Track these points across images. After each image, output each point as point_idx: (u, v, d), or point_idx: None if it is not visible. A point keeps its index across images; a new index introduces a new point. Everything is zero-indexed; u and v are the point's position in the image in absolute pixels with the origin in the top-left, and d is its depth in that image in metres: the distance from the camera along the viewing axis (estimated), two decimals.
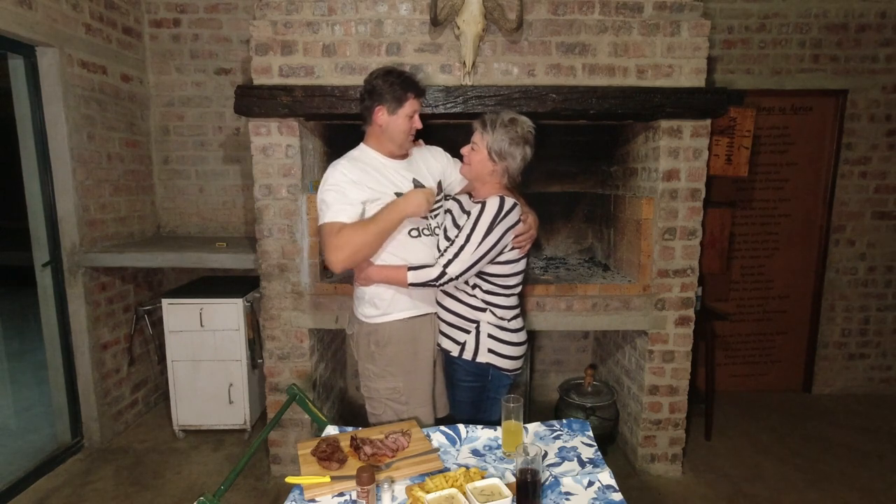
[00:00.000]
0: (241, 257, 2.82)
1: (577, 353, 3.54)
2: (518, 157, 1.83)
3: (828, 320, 3.53)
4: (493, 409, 1.95)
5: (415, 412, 1.89)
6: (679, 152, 2.44)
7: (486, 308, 1.88)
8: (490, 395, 1.94)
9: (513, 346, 1.92)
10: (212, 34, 3.36)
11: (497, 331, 1.89)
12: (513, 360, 1.93)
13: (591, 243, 3.29)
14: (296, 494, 1.39)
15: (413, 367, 1.91)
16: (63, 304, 2.78)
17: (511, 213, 1.79)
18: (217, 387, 2.98)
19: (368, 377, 1.94)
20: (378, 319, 1.89)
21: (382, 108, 1.81)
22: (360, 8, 2.34)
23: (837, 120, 3.37)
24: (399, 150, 1.89)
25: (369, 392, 1.95)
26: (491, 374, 1.91)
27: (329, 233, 1.73)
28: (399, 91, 1.80)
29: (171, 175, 3.50)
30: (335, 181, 1.78)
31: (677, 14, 2.36)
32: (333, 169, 1.81)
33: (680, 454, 2.71)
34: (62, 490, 2.54)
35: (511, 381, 1.99)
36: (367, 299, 1.89)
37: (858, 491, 2.56)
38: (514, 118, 1.84)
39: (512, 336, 1.92)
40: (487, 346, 1.88)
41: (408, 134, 1.86)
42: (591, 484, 1.43)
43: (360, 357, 1.97)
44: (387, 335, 1.89)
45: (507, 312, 1.91)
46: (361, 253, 1.74)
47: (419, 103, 1.87)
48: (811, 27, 3.25)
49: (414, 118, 1.85)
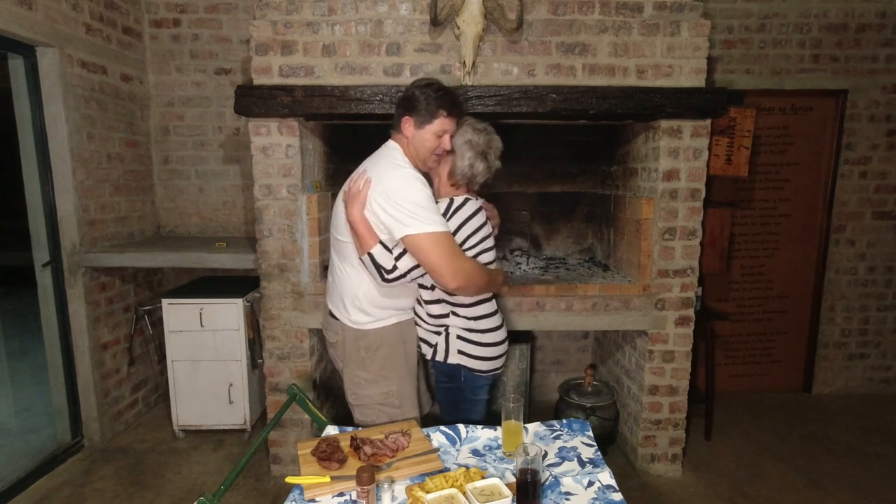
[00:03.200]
0: (241, 257, 2.82)
1: (577, 353, 3.53)
2: (466, 157, 1.80)
3: (828, 320, 3.53)
4: (471, 409, 1.93)
5: (407, 415, 1.87)
6: (679, 152, 2.44)
7: (448, 313, 1.86)
8: (466, 395, 1.92)
9: (484, 346, 1.87)
10: (212, 34, 3.36)
11: (466, 332, 1.86)
12: (485, 360, 1.88)
13: (591, 243, 3.29)
14: (296, 494, 1.39)
15: (405, 369, 1.88)
16: (63, 304, 2.78)
17: (456, 213, 1.79)
18: (217, 387, 2.98)
19: (358, 384, 1.87)
20: (369, 326, 1.83)
21: (410, 119, 1.75)
22: (360, 8, 2.34)
23: (837, 120, 3.36)
24: (421, 166, 1.81)
25: (359, 399, 1.88)
26: (463, 376, 1.89)
27: (450, 248, 1.66)
28: (432, 106, 1.72)
29: (171, 175, 3.50)
30: (419, 190, 1.68)
31: (677, 14, 2.36)
32: (407, 174, 1.71)
33: (680, 454, 2.71)
34: (62, 490, 2.54)
35: (489, 381, 1.94)
36: (359, 305, 1.82)
37: (858, 491, 2.56)
38: (487, 128, 1.85)
39: (482, 337, 1.87)
40: (457, 347, 1.86)
41: (432, 152, 1.77)
42: (591, 484, 1.43)
43: (347, 364, 1.88)
44: (378, 339, 1.84)
45: (471, 311, 1.85)
46: (472, 290, 1.76)
47: (452, 123, 1.77)
48: (811, 27, 3.25)
49: (443, 138, 1.76)
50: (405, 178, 1.69)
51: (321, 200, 2.53)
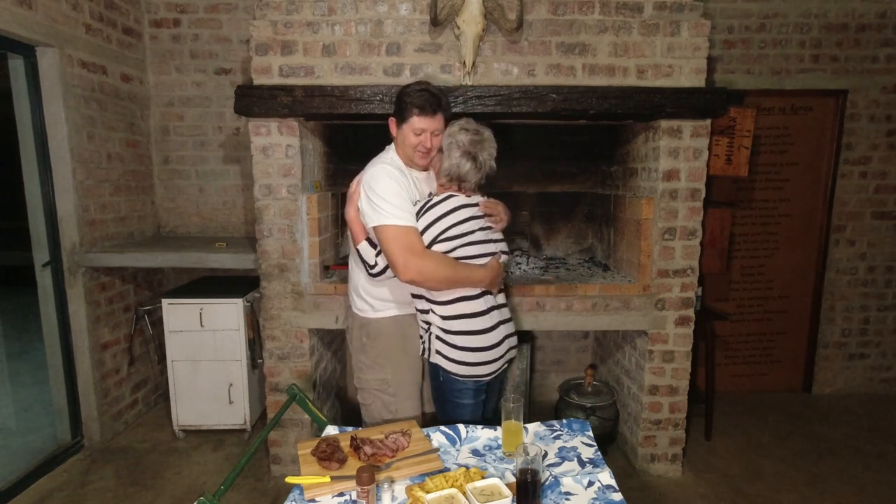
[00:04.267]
0: (241, 257, 2.82)
1: (577, 353, 3.54)
2: (453, 157, 1.82)
3: (828, 320, 3.53)
4: (455, 411, 1.90)
5: (402, 404, 1.98)
6: (679, 152, 2.44)
7: (428, 310, 1.87)
8: (447, 396, 1.91)
9: (461, 350, 1.82)
10: (212, 34, 3.36)
11: (442, 333, 1.85)
12: (463, 365, 1.82)
13: (591, 243, 3.29)
14: (296, 494, 1.39)
15: (401, 360, 1.99)
16: (63, 304, 2.78)
17: (431, 209, 1.83)
18: (217, 387, 2.98)
19: (360, 368, 2.04)
20: (370, 315, 2.00)
21: (394, 119, 1.92)
22: (360, 8, 2.34)
23: (837, 120, 3.36)
24: (410, 164, 1.92)
25: (361, 383, 2.06)
26: (441, 376, 1.88)
27: (406, 242, 1.74)
28: (406, 105, 1.84)
29: (171, 175, 3.50)
30: (387, 184, 1.80)
31: (677, 14, 2.36)
32: (381, 170, 1.83)
33: (680, 454, 2.71)
34: (62, 490, 2.54)
35: (470, 387, 1.87)
36: (360, 294, 2.00)
37: (858, 491, 2.56)
38: (478, 129, 1.86)
39: (460, 340, 1.82)
40: (436, 347, 1.87)
41: (414, 148, 1.86)
42: (591, 484, 1.43)
43: (353, 349, 2.08)
44: (378, 328, 1.99)
45: (446, 309, 1.83)
46: (431, 284, 1.78)
47: (429, 122, 1.83)
48: (811, 27, 3.25)
49: (422, 136, 1.84)
50: (379, 172, 1.83)
51: (321, 200, 2.53)
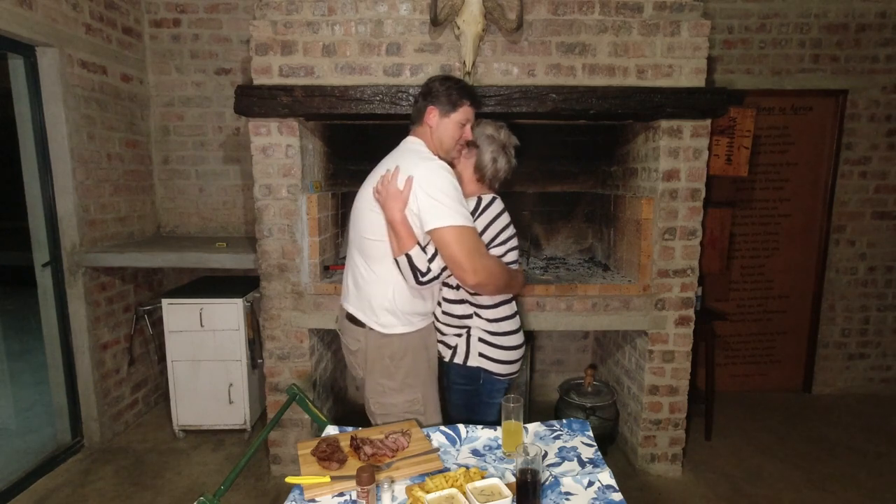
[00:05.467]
0: (241, 257, 2.82)
1: (577, 353, 3.54)
2: (489, 152, 1.86)
3: (828, 320, 3.53)
4: (486, 412, 1.92)
5: (431, 419, 1.84)
6: (679, 152, 2.44)
7: (471, 314, 1.86)
8: (483, 398, 1.91)
9: (505, 350, 1.87)
10: (212, 34, 3.36)
11: (487, 335, 1.86)
12: (505, 364, 1.88)
13: (591, 243, 3.29)
14: (296, 494, 1.39)
15: (427, 375, 1.84)
16: (63, 304, 2.78)
17: (485, 211, 1.83)
18: (217, 387, 2.98)
19: (382, 393, 1.80)
20: (398, 330, 1.76)
21: (435, 109, 1.78)
22: (360, 8, 2.34)
23: (837, 120, 3.36)
24: (445, 156, 1.81)
25: (383, 408, 1.81)
26: (482, 378, 1.89)
27: (474, 244, 1.66)
28: (455, 96, 1.78)
29: (171, 175, 3.50)
30: (450, 181, 1.67)
31: (677, 14, 2.36)
32: (438, 166, 1.69)
33: (680, 454, 2.71)
34: (62, 490, 2.54)
35: (506, 384, 1.93)
36: (388, 308, 1.74)
37: (858, 491, 2.56)
38: (504, 125, 1.92)
39: (503, 340, 1.87)
40: (478, 350, 1.86)
41: (456, 141, 1.82)
42: (591, 484, 1.43)
43: (370, 372, 1.81)
44: (403, 346, 1.77)
45: (493, 312, 1.85)
46: (490, 289, 1.75)
47: (472, 113, 1.84)
48: (811, 27, 3.25)
49: (465, 128, 1.82)
50: (438, 168, 1.68)
51: (321, 200, 2.53)
